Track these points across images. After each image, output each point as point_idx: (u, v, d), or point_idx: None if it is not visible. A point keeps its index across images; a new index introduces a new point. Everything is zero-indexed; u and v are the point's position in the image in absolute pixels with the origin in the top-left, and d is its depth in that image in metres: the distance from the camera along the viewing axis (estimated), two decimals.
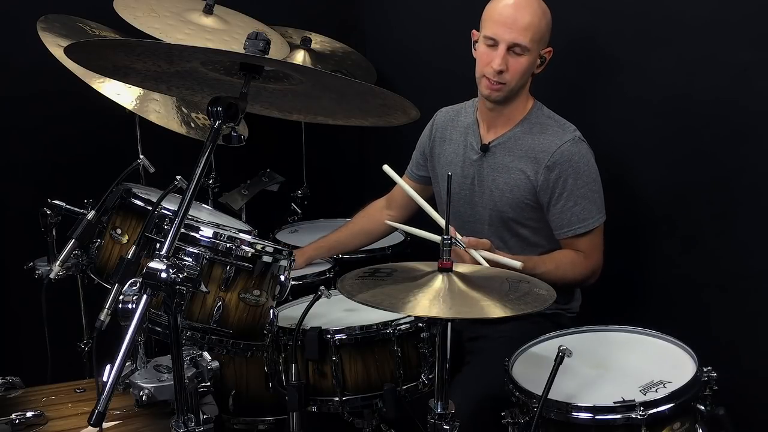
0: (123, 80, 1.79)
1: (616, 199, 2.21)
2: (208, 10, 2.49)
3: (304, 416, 1.92)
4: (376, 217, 2.56)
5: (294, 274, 1.97)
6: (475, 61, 2.20)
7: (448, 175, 1.65)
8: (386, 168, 2.09)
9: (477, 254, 1.94)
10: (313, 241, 2.60)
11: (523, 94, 2.22)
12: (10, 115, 2.77)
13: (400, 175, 2.31)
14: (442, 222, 2.04)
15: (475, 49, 2.21)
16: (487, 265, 1.92)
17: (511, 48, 2.11)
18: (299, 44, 3.10)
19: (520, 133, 2.21)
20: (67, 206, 2.04)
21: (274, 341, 1.94)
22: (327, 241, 2.59)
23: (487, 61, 2.14)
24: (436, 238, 1.86)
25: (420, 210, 2.11)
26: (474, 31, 2.21)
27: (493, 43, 2.13)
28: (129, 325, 1.30)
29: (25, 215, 2.24)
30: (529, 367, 1.80)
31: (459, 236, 1.97)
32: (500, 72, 2.12)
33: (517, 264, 1.93)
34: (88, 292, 2.21)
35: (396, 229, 2.63)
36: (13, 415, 1.77)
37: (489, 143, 2.24)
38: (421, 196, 2.18)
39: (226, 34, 2.44)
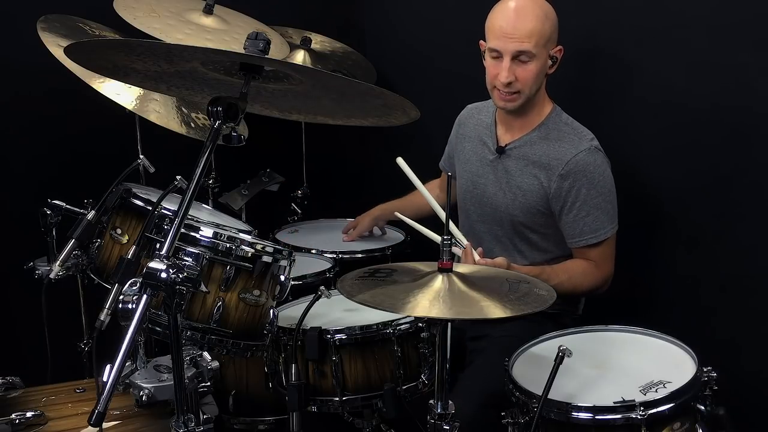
0: (123, 80, 1.79)
1: (618, 200, 2.21)
2: (208, 10, 2.49)
3: (304, 416, 1.92)
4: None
5: (294, 273, 1.97)
6: (485, 71, 2.19)
7: (448, 175, 1.67)
8: (400, 161, 2.08)
9: None
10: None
11: (540, 98, 2.20)
12: (10, 115, 2.77)
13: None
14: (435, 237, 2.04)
15: (484, 59, 2.19)
16: None
17: (517, 57, 2.08)
18: (299, 44, 3.10)
19: (536, 138, 2.20)
20: (67, 206, 2.04)
21: (274, 341, 1.94)
22: (398, 201, 2.64)
23: (495, 73, 2.13)
24: (436, 237, 1.89)
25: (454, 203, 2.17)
26: (481, 42, 2.19)
27: (498, 55, 2.11)
28: (129, 325, 1.30)
29: (25, 215, 2.24)
30: (529, 367, 1.80)
31: (476, 255, 1.98)
32: (509, 83, 2.10)
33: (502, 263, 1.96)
34: (88, 292, 2.21)
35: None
36: (13, 415, 1.77)
37: (505, 146, 2.24)
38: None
39: (226, 34, 2.44)
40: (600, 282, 2.17)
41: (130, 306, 1.32)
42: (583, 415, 1.60)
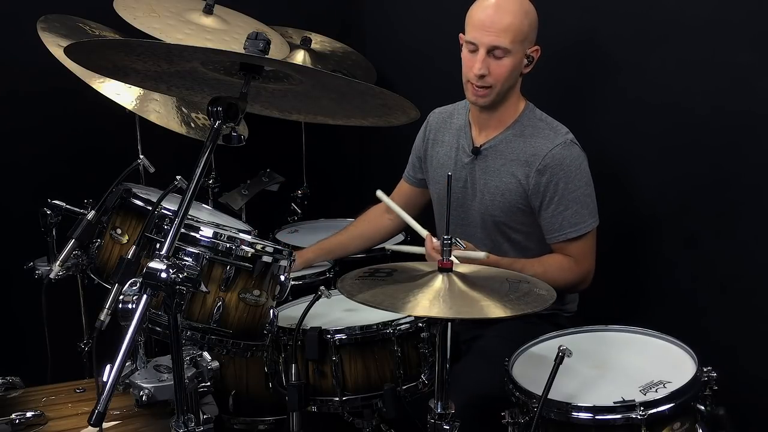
0: (123, 80, 1.79)
1: (616, 200, 2.22)
2: (208, 10, 2.50)
3: (304, 416, 1.92)
4: (376, 222, 2.54)
5: (294, 274, 1.97)
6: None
7: (448, 175, 1.66)
8: (380, 194, 2.15)
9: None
10: (312, 244, 2.58)
11: (514, 96, 2.19)
12: (10, 115, 2.77)
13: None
14: (424, 233, 2.10)
15: (461, 52, 2.18)
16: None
17: (491, 51, 2.08)
18: (299, 44, 3.10)
19: (511, 136, 2.19)
20: (67, 206, 2.04)
21: (274, 341, 1.94)
22: (327, 243, 2.56)
23: (470, 66, 2.12)
24: (420, 249, 2.07)
25: (418, 214, 2.17)
26: (461, 35, 2.18)
27: (474, 48, 2.10)
28: (129, 325, 1.30)
29: (25, 215, 2.24)
30: (529, 367, 1.80)
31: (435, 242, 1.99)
32: (482, 76, 2.09)
33: (482, 255, 1.94)
34: (88, 292, 2.21)
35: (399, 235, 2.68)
36: (13, 415, 1.77)
37: (480, 146, 2.22)
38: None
39: (226, 34, 2.44)
40: (578, 279, 2.15)
41: (130, 306, 1.32)
42: (583, 415, 1.60)
